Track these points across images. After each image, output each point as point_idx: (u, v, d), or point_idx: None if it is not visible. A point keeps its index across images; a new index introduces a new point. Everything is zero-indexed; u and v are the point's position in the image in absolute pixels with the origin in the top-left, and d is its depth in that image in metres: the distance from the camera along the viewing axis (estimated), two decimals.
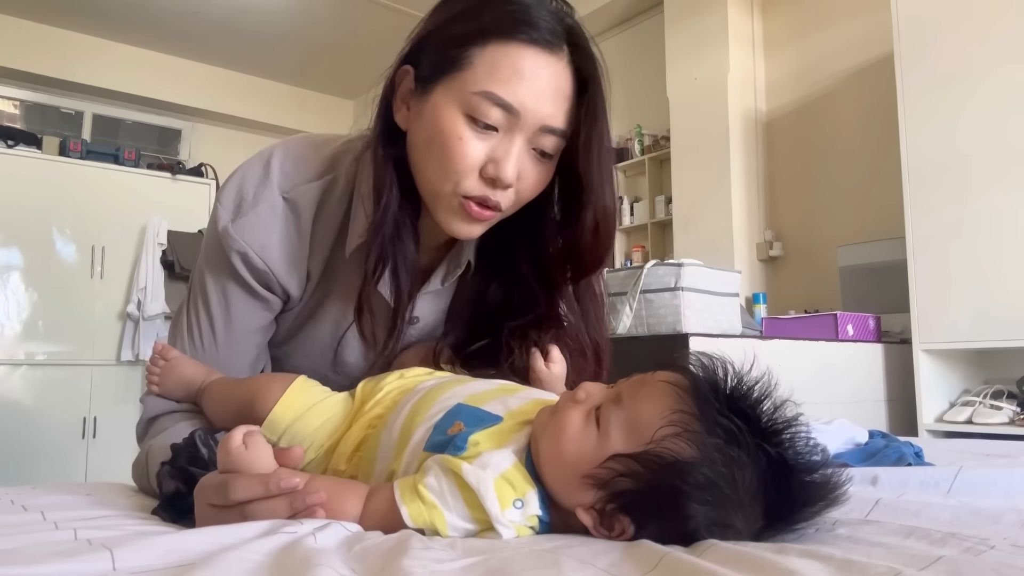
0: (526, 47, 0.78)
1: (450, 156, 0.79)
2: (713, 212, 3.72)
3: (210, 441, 0.76)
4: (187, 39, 5.05)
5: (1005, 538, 0.54)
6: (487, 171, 0.79)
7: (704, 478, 0.55)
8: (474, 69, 0.78)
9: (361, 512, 0.62)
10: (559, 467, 0.61)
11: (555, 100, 0.80)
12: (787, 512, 0.58)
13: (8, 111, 4.92)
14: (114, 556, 0.47)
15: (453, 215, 0.83)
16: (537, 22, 0.79)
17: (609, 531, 0.59)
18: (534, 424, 0.66)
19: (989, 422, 2.50)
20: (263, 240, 0.87)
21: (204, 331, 0.92)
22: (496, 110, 0.77)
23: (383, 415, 0.75)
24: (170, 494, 0.74)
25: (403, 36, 0.87)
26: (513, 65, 0.78)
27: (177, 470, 0.75)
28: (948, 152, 2.58)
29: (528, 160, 0.82)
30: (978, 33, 2.55)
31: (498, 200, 0.81)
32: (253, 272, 0.88)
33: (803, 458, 0.58)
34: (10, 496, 0.79)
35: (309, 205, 0.88)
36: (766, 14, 3.91)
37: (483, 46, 0.78)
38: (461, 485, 0.59)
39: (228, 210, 0.87)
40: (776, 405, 0.59)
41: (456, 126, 0.78)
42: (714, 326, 2.26)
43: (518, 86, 0.77)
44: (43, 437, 3.82)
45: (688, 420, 0.57)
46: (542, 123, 0.80)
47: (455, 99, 0.78)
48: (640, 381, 0.63)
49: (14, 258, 3.89)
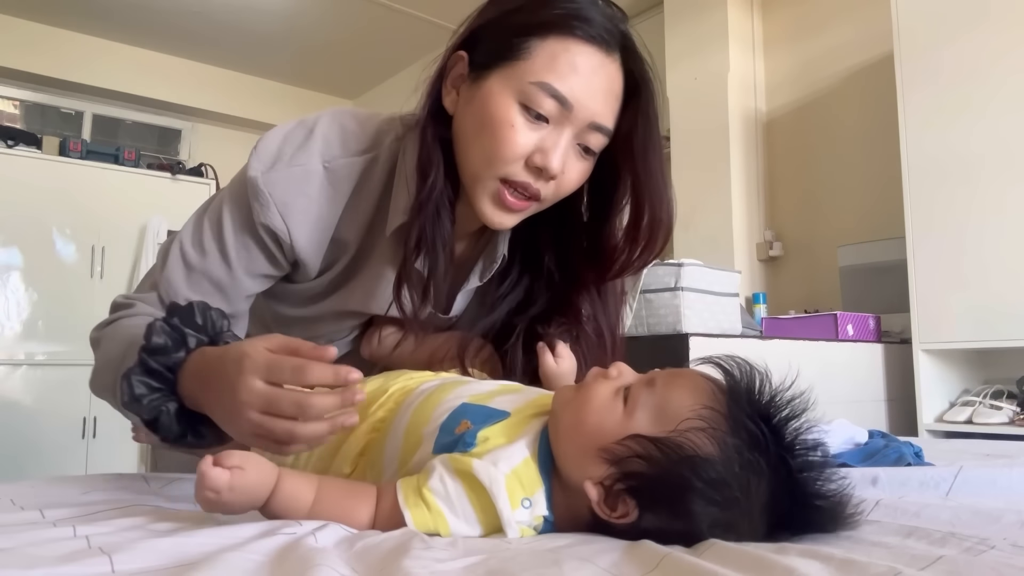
0: (584, 44, 0.81)
1: (500, 141, 0.80)
2: (713, 212, 3.72)
3: (207, 313, 0.73)
4: (187, 39, 5.04)
5: (1005, 538, 0.54)
6: (534, 160, 0.81)
7: (718, 476, 0.55)
8: (533, 60, 0.80)
9: (373, 517, 0.62)
10: (578, 435, 0.61)
11: (606, 99, 0.83)
12: (792, 528, 0.58)
13: (8, 111, 4.92)
14: (113, 560, 0.47)
15: (489, 201, 0.84)
16: (594, 21, 0.81)
17: (612, 510, 0.59)
18: (555, 398, 0.66)
19: (989, 422, 2.50)
20: (287, 200, 0.85)
21: (211, 248, 0.87)
22: (550, 101, 0.79)
23: (386, 419, 0.75)
24: (155, 347, 0.69)
25: (403, 36, 0.88)
26: (571, 60, 0.80)
27: (171, 326, 0.71)
28: (948, 152, 2.58)
29: (573, 155, 0.83)
30: (978, 33, 2.54)
31: (538, 189, 0.83)
32: (268, 229, 0.86)
33: (821, 481, 0.58)
34: (8, 495, 0.78)
35: (349, 178, 0.88)
36: (766, 14, 3.91)
37: (543, 38, 0.80)
38: (470, 487, 0.59)
39: (262, 162, 0.86)
40: (806, 426, 0.59)
41: (509, 113, 0.80)
42: (714, 326, 2.26)
43: (574, 81, 0.79)
44: (43, 437, 3.81)
45: (716, 418, 0.57)
46: (592, 119, 0.81)
47: (511, 87, 0.80)
48: (678, 372, 0.64)
49: (14, 258, 3.89)
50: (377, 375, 0.84)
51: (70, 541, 0.52)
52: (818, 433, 0.60)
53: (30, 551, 0.49)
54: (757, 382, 0.60)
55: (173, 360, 0.70)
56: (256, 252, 0.87)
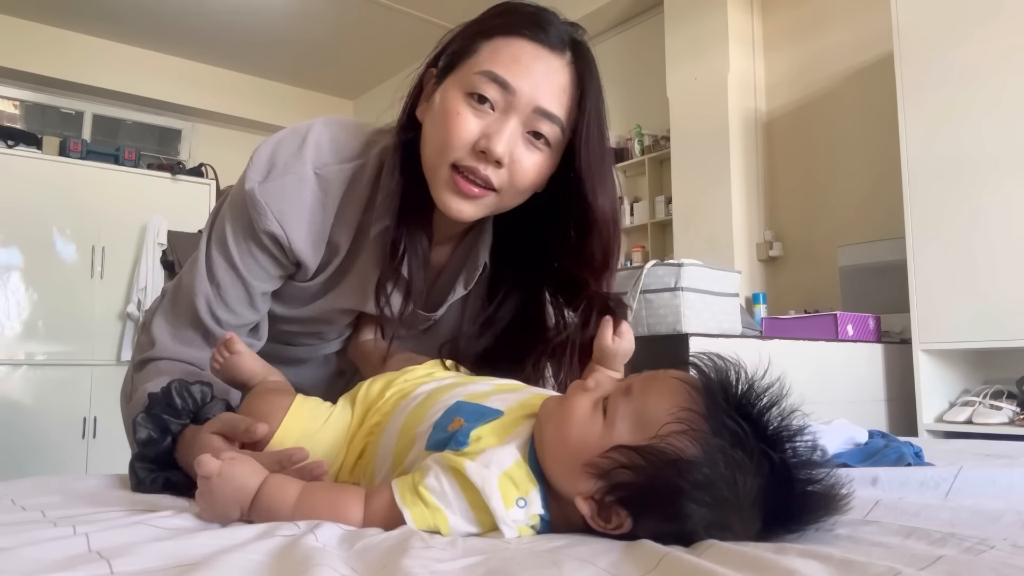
0: (529, 42, 0.85)
1: (448, 129, 0.84)
2: (713, 212, 3.72)
3: (184, 392, 0.82)
4: (187, 39, 5.05)
5: (1005, 538, 0.54)
6: (479, 144, 0.83)
7: (704, 478, 0.55)
8: (478, 55, 0.85)
9: (363, 517, 0.62)
10: (561, 452, 0.61)
11: (551, 89, 0.85)
12: (786, 519, 0.58)
13: (8, 111, 4.93)
14: (112, 564, 0.47)
15: (445, 189, 0.86)
16: (545, 28, 0.86)
17: (606, 522, 0.59)
18: (540, 411, 0.65)
19: (989, 422, 2.50)
20: (283, 207, 0.89)
21: (221, 269, 0.93)
22: (492, 86, 0.83)
23: (381, 422, 0.75)
24: (143, 441, 0.81)
25: (402, 36, 0.91)
26: (513, 52, 0.84)
27: (152, 417, 0.81)
28: (948, 152, 2.58)
29: (522, 143, 0.85)
30: (978, 33, 2.55)
31: (488, 175, 0.84)
32: (268, 234, 0.90)
33: (807, 467, 0.58)
34: (8, 494, 0.79)
35: (339, 184, 0.92)
36: (766, 14, 3.91)
37: (489, 38, 0.85)
38: (464, 485, 0.59)
39: (258, 172, 0.90)
40: (785, 413, 0.59)
41: (456, 103, 0.84)
42: (714, 326, 2.26)
43: (515, 68, 0.83)
44: (43, 437, 3.81)
45: (695, 419, 0.57)
46: (536, 104, 0.84)
47: (459, 82, 0.85)
48: (652, 376, 0.63)
49: (14, 258, 3.89)
50: (380, 376, 0.84)
51: (70, 540, 0.52)
52: (800, 418, 0.60)
53: (30, 551, 0.49)
54: (732, 376, 0.60)
55: (163, 448, 0.82)
56: (262, 256, 0.93)
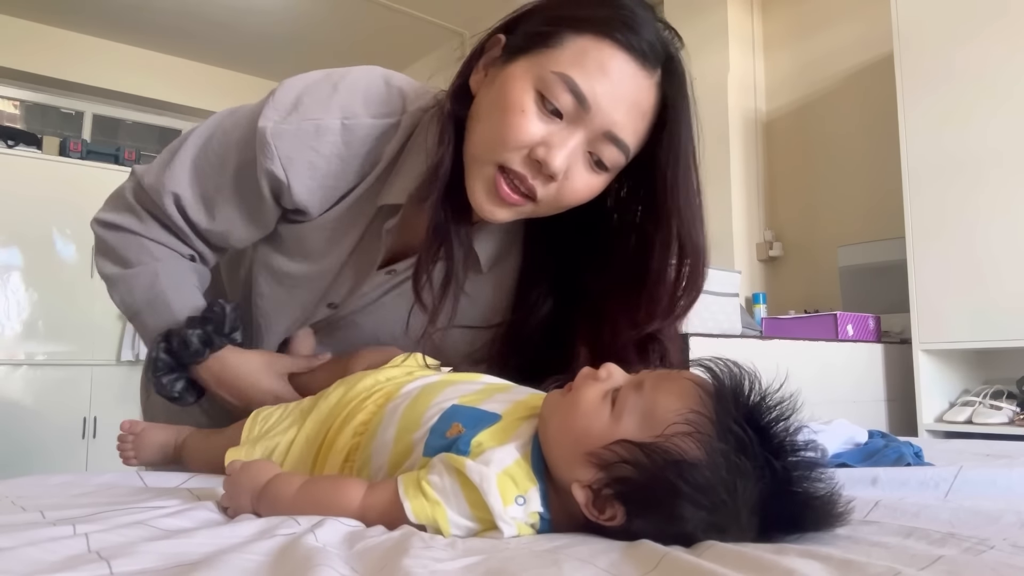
0: (620, 50, 0.76)
1: (507, 125, 0.76)
2: (713, 212, 3.69)
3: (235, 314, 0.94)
4: (187, 39, 5.04)
5: (1004, 538, 0.54)
6: (536, 153, 0.76)
7: (704, 481, 0.55)
8: (562, 50, 0.76)
9: (361, 502, 0.62)
10: (565, 438, 0.61)
11: (630, 112, 0.77)
12: (784, 528, 0.58)
13: (8, 111, 4.92)
14: (111, 565, 0.47)
15: (483, 187, 0.79)
16: (640, 32, 0.77)
17: (600, 513, 0.59)
18: (545, 402, 0.66)
19: (989, 422, 2.50)
20: (293, 154, 0.84)
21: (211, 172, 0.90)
22: (568, 96, 0.75)
23: (369, 422, 0.74)
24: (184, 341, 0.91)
25: (402, 36, 0.88)
26: (601, 61, 0.75)
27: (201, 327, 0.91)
28: (948, 152, 2.58)
29: (581, 162, 0.79)
30: (978, 34, 2.54)
31: (534, 186, 0.78)
32: (269, 172, 0.86)
33: (808, 479, 0.58)
34: (8, 494, 0.78)
35: (365, 140, 0.86)
36: (766, 14, 3.91)
37: (580, 33, 0.76)
38: (464, 483, 0.59)
39: (277, 110, 0.85)
40: (794, 428, 0.59)
41: (524, 99, 0.76)
42: (714, 326, 2.26)
43: (599, 81, 0.75)
44: (43, 437, 3.81)
45: (702, 422, 0.57)
46: (609, 128, 0.77)
47: (532, 73, 0.76)
48: (665, 374, 0.63)
49: (14, 258, 3.89)
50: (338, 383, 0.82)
51: (69, 540, 0.52)
52: (808, 434, 0.60)
53: (30, 552, 0.49)
54: (745, 385, 0.60)
55: (197, 355, 0.91)
56: (259, 195, 0.88)
